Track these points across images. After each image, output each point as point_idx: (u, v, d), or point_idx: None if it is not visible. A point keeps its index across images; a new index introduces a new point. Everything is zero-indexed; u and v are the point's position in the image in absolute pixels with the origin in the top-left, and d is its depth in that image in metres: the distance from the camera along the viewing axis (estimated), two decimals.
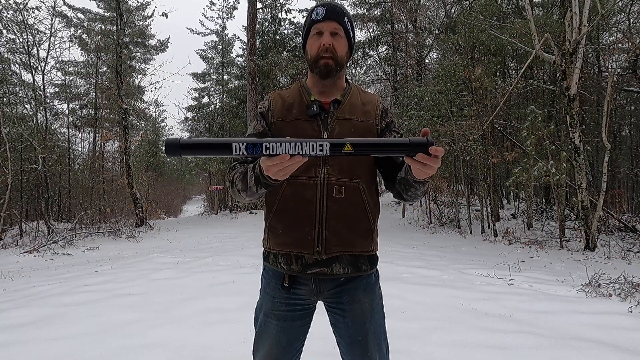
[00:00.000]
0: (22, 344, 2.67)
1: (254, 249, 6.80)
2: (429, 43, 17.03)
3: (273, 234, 1.26)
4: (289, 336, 1.26)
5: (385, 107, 1.32)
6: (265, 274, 1.33)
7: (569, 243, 7.56)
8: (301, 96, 1.28)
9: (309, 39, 1.24)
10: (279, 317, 1.26)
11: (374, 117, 1.28)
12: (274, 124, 1.26)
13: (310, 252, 1.19)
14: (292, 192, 1.21)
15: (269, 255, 1.30)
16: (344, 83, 1.31)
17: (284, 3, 18.35)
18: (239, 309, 3.26)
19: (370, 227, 1.24)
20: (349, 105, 1.27)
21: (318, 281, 1.23)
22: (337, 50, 1.21)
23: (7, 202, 9.33)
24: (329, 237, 1.19)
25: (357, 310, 1.24)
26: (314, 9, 1.24)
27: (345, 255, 1.22)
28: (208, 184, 19.98)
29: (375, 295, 1.29)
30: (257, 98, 14.89)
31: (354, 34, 1.28)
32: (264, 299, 1.31)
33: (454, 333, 2.76)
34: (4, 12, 11.53)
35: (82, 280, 4.56)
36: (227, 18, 21.81)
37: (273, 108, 1.28)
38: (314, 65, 1.22)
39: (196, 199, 35.10)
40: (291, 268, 1.23)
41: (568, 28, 7.19)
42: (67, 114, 17.93)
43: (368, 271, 1.26)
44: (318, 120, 1.24)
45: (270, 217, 1.26)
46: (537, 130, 8.17)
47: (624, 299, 3.50)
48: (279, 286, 1.26)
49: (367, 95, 1.34)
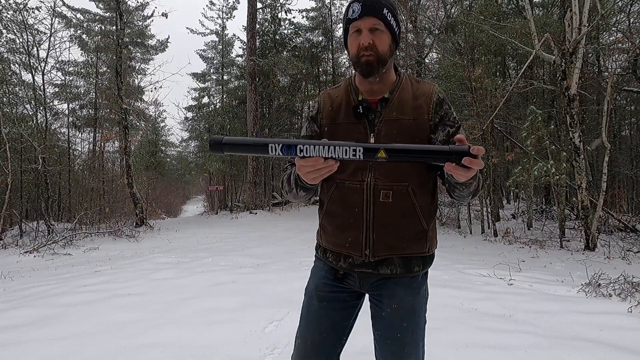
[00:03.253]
0: (22, 344, 2.66)
1: (254, 249, 6.81)
2: (429, 43, 17.02)
3: (324, 232, 1.28)
4: (331, 320, 1.25)
5: (440, 97, 1.21)
6: (316, 259, 1.36)
7: (569, 243, 7.55)
8: (349, 96, 1.23)
9: (349, 37, 1.18)
10: (322, 298, 1.26)
11: (427, 112, 1.18)
12: (323, 127, 1.24)
13: (358, 254, 1.19)
14: (339, 195, 1.20)
15: (319, 248, 1.33)
16: (393, 77, 1.23)
17: (284, 3, 18.35)
18: (239, 309, 3.26)
19: (423, 228, 1.20)
20: (398, 102, 1.19)
21: (363, 277, 1.24)
22: (378, 47, 1.13)
23: (7, 202, 9.33)
24: (377, 241, 1.17)
25: (395, 305, 1.20)
26: (350, 5, 1.15)
27: (395, 257, 1.19)
28: (208, 184, 19.96)
29: (419, 296, 1.23)
30: (257, 98, 14.90)
31: (398, 24, 1.18)
32: (311, 279, 1.33)
33: (454, 333, 2.76)
34: (4, 12, 11.52)
35: (82, 280, 4.56)
36: (227, 18, 21.82)
37: (322, 111, 1.26)
38: (355, 65, 1.16)
39: (196, 199, 35.08)
40: (339, 265, 1.24)
41: (568, 28, 7.19)
42: (67, 114, 17.94)
43: (419, 271, 1.22)
44: (365, 122, 1.19)
45: (321, 215, 1.28)
46: (537, 130, 8.17)
47: (624, 299, 3.50)
48: (327, 269, 1.28)
49: (420, 86, 1.23)
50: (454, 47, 12.15)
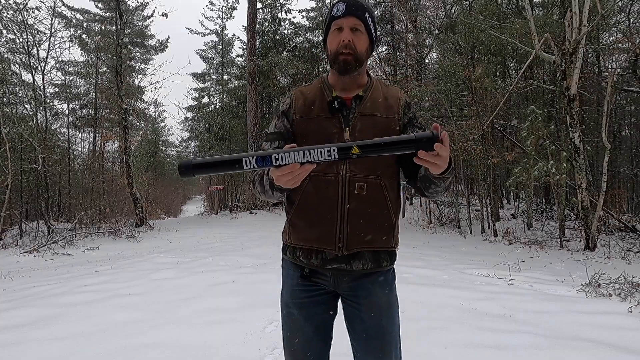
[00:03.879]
0: (22, 344, 2.67)
1: (254, 249, 6.80)
2: (429, 43, 17.02)
3: (294, 228, 1.26)
4: (314, 325, 1.26)
5: (408, 101, 1.31)
6: (284, 264, 1.34)
7: (569, 243, 7.56)
8: (322, 92, 1.27)
9: (330, 34, 1.23)
10: (300, 305, 1.26)
11: (397, 112, 1.27)
12: (296, 122, 1.27)
13: (331, 248, 1.20)
14: (314, 188, 1.21)
15: (287, 249, 1.31)
16: (365, 79, 1.29)
17: (284, 3, 18.35)
18: (239, 309, 3.26)
19: (392, 223, 1.24)
20: (371, 101, 1.25)
21: (337, 275, 1.24)
22: (357, 47, 1.19)
23: (7, 202, 9.33)
24: (351, 233, 1.19)
25: (373, 305, 1.23)
26: (335, 4, 1.21)
27: (366, 251, 1.22)
28: (208, 184, 19.97)
29: (392, 293, 1.29)
30: (257, 98, 14.90)
31: (376, 29, 1.26)
32: (284, 289, 1.32)
33: (454, 333, 2.76)
34: (4, 12, 11.52)
35: (82, 280, 4.56)
36: (227, 18, 21.81)
37: (295, 105, 1.28)
38: (333, 61, 1.21)
39: (196, 199, 35.08)
40: (310, 262, 1.24)
41: (568, 28, 7.19)
42: (67, 114, 17.94)
43: (387, 266, 1.27)
44: (339, 116, 1.23)
45: (292, 212, 1.26)
46: (537, 130, 8.17)
47: (624, 299, 3.50)
48: (297, 275, 1.26)
49: (389, 90, 1.32)
50: (454, 47, 12.15)
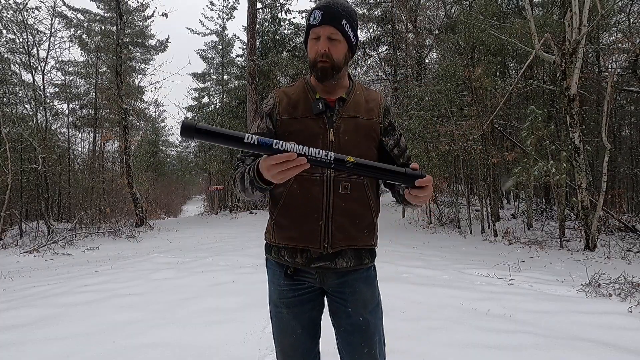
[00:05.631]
0: (22, 344, 2.67)
1: (254, 249, 6.79)
2: (429, 43, 17.03)
3: (278, 228, 1.27)
4: (302, 322, 1.29)
5: (387, 105, 1.35)
6: (269, 264, 1.35)
7: (569, 243, 7.55)
8: (306, 94, 1.29)
9: (309, 41, 1.26)
10: (288, 304, 1.28)
11: (377, 115, 1.31)
12: (279, 122, 1.27)
13: (316, 247, 1.22)
14: (299, 187, 1.23)
15: (271, 249, 1.32)
16: (347, 82, 1.33)
17: (284, 3, 18.35)
18: (239, 309, 3.26)
19: (373, 222, 1.29)
20: (354, 103, 1.29)
21: (322, 273, 1.26)
22: (333, 56, 1.21)
23: (7, 202, 9.34)
24: (335, 232, 1.22)
25: (358, 300, 1.27)
26: (312, 11, 1.23)
27: (349, 250, 1.26)
28: (208, 184, 19.98)
29: (375, 288, 1.33)
30: (257, 98, 14.89)
31: (356, 34, 1.27)
32: (271, 289, 1.34)
33: (454, 333, 2.76)
34: (4, 12, 11.53)
35: (82, 280, 4.56)
36: (227, 18, 21.80)
37: (279, 106, 1.29)
38: (312, 68, 1.25)
39: (196, 199, 35.11)
40: (295, 261, 1.25)
41: (568, 28, 7.19)
42: (67, 114, 17.93)
43: (369, 264, 1.31)
44: (324, 117, 1.25)
45: (276, 211, 1.27)
46: (537, 130, 8.17)
47: (624, 299, 3.50)
48: (282, 274, 1.28)
49: (370, 93, 1.36)
50: (454, 47, 12.15)
